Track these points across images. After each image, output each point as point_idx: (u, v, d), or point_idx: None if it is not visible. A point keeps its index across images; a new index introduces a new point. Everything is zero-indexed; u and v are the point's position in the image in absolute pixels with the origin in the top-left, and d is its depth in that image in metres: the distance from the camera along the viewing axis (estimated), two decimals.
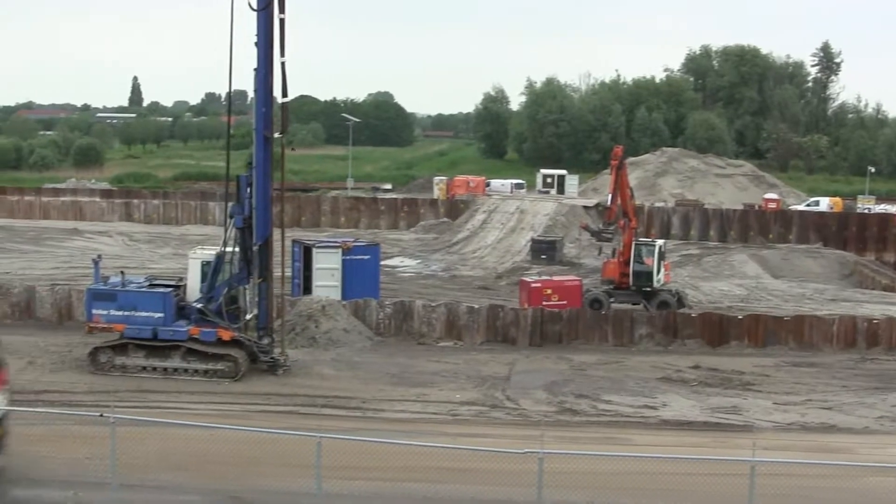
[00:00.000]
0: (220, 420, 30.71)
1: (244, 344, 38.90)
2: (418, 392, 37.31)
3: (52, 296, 48.41)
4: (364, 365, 41.12)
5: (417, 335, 46.27)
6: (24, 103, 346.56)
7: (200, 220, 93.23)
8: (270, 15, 37.49)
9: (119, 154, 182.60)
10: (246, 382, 37.85)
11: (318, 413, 33.36)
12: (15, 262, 67.85)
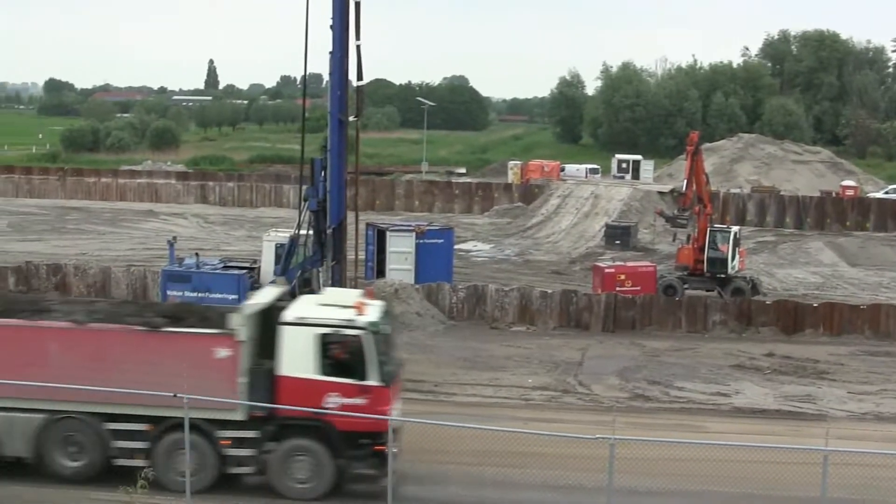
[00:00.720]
0: None
1: None
2: (490, 376, 37.33)
3: (128, 277, 48.98)
4: (436, 348, 41.20)
5: (490, 319, 46.25)
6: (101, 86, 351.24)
7: (275, 202, 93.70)
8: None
9: (195, 137, 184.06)
10: None
11: None
12: (91, 243, 68.70)
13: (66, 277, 49.28)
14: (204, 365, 24.16)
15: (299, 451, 24.65)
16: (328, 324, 24.68)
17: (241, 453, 24.80)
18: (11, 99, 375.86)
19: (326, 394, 24.35)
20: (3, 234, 69.32)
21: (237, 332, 24.47)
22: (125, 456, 24.82)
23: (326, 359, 24.52)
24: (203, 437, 24.44)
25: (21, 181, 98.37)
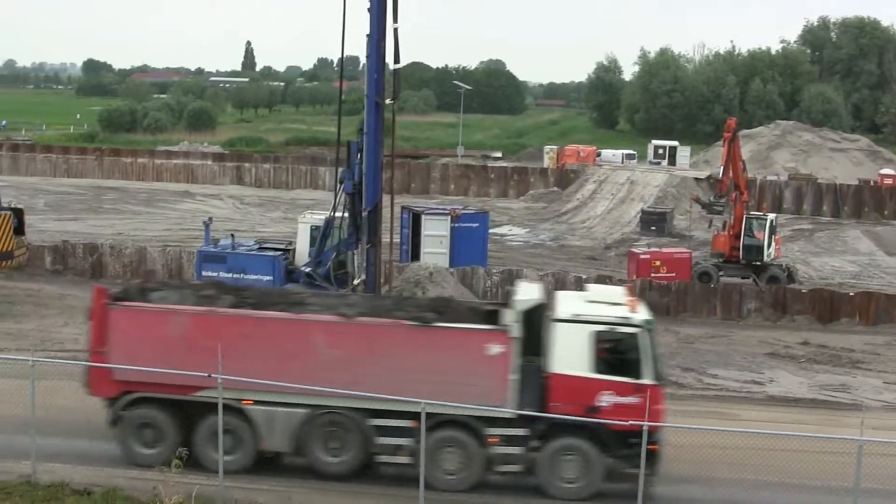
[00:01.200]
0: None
1: None
2: None
3: (163, 257, 49.23)
4: None
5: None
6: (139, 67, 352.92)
7: (310, 184, 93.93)
8: None
9: (231, 118, 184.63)
10: None
11: None
12: (128, 222, 69.10)
13: (103, 257, 49.57)
14: (475, 361, 23.89)
15: (569, 450, 24.22)
16: (604, 321, 24.26)
17: (509, 451, 24.38)
18: (50, 79, 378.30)
19: (599, 392, 23.95)
20: (41, 214, 69.75)
21: (510, 328, 24.08)
22: (388, 453, 24.51)
23: (601, 356, 24.14)
24: (471, 434, 24.30)
25: (59, 161, 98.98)
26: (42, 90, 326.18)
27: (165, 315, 25.21)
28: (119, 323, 25.16)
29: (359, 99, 47.86)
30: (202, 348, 23.98)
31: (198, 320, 25.02)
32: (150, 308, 25.61)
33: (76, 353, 35.40)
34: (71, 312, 42.55)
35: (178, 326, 24.84)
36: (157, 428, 25.07)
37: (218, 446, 23.39)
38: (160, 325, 24.95)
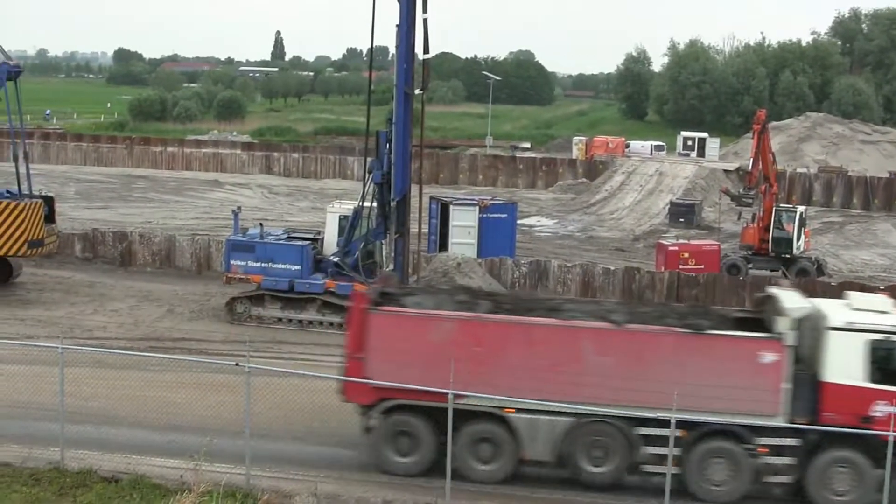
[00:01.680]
0: None
1: None
2: None
3: (192, 246, 49.35)
4: None
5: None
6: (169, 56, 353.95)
7: (339, 174, 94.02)
8: None
9: (260, 108, 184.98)
10: None
11: None
12: (157, 211, 69.32)
13: (132, 245, 49.73)
14: (747, 370, 23.40)
15: (841, 462, 23.66)
16: (880, 329, 23.69)
17: (779, 462, 23.83)
18: (81, 68, 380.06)
19: (874, 402, 23.40)
20: (71, 202, 70.07)
21: (785, 336, 23.58)
22: (654, 462, 23.82)
23: (876, 365, 23.58)
24: (739, 443, 23.70)
25: (89, 149, 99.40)
26: (73, 79, 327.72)
27: (430, 321, 24.55)
28: (379, 328, 24.51)
29: (388, 89, 47.87)
30: (465, 355, 23.57)
31: (464, 326, 24.37)
32: (413, 314, 24.88)
33: (104, 341, 35.69)
34: (100, 300, 42.79)
35: (443, 332, 24.26)
36: (415, 436, 24.55)
37: (475, 456, 23.72)
38: (423, 331, 24.35)
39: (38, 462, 23.64)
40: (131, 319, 39.79)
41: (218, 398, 26.15)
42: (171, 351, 34.55)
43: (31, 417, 26.53)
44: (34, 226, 41.55)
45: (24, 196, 42.45)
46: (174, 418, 26.42)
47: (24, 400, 27.41)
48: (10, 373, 29.87)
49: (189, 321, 39.88)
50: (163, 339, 36.80)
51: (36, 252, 42.74)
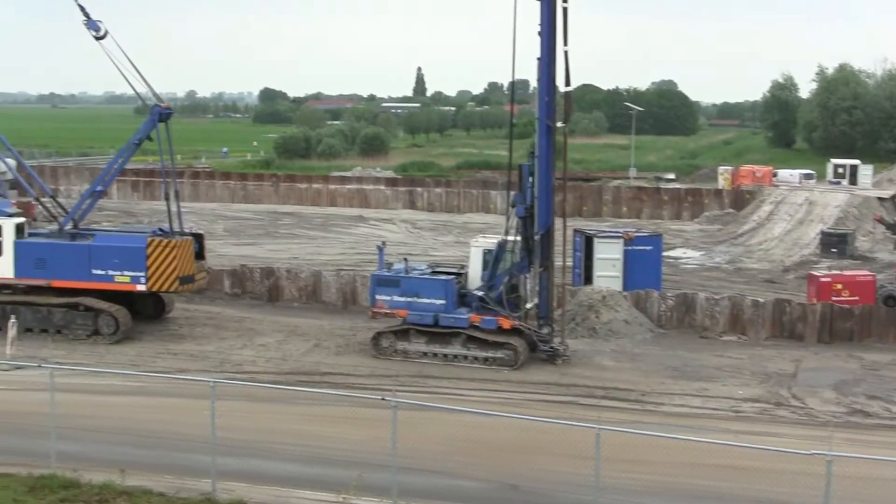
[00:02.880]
0: (499, 408, 30.87)
1: (524, 333, 39.04)
2: (699, 386, 36.59)
3: (338, 281, 49.82)
4: (644, 357, 40.64)
5: (700, 328, 45.37)
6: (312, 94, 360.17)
7: (482, 208, 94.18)
8: (554, 3, 37.43)
9: (403, 143, 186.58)
10: (525, 371, 37.97)
11: (596, 404, 33.18)
12: (303, 247, 70.19)
13: (279, 281, 50.42)
14: None
15: None
16: None
17: None
18: (228, 108, 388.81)
19: None
20: (220, 238, 71.40)
21: None
22: None
23: None
24: None
25: (236, 187, 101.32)
26: (221, 119, 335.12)
27: None
28: None
29: (530, 122, 47.85)
30: None
31: None
32: None
33: (254, 375, 36.17)
34: (249, 335, 43.41)
35: None
36: None
37: None
38: None
39: (191, 493, 23.98)
40: (279, 354, 40.28)
41: (365, 432, 26.25)
42: (319, 385, 34.85)
43: (183, 449, 26.99)
44: (185, 262, 42.40)
45: (176, 233, 43.38)
46: (322, 451, 26.61)
47: (176, 432, 27.95)
48: (163, 405, 30.51)
49: (335, 355, 40.22)
50: (310, 373, 37.15)
51: (187, 288, 43.60)
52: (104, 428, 28.93)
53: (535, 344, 39.28)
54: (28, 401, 31.26)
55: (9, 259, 43.54)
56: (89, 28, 43.69)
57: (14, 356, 37.40)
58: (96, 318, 42.41)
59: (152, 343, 42.07)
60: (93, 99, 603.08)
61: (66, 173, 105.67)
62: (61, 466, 25.17)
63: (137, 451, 27.44)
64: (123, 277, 42.27)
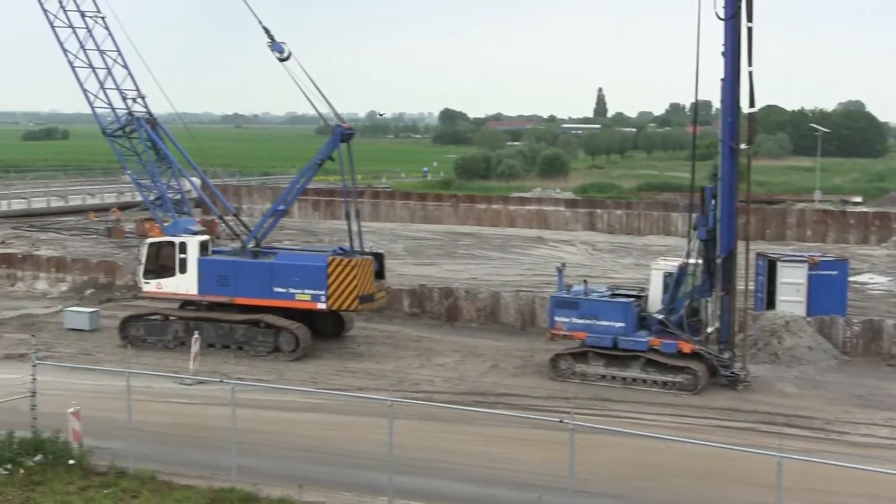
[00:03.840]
0: (677, 433, 30.42)
1: (704, 357, 38.40)
2: (887, 416, 35.41)
3: (517, 302, 49.79)
4: (828, 384, 39.55)
5: (887, 356, 43.93)
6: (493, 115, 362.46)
7: (662, 230, 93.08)
8: (738, 23, 36.82)
9: (583, 164, 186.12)
10: (705, 396, 37.33)
11: (778, 432, 32.37)
12: (482, 267, 70.40)
13: (458, 301, 50.63)
14: None
15: None
16: None
17: None
18: (409, 128, 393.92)
19: None
20: (399, 258, 72.09)
21: None
22: None
23: None
24: None
25: (416, 207, 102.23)
26: (401, 139, 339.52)
27: None
28: None
29: (712, 144, 47.19)
30: None
31: None
32: None
33: (431, 395, 36.37)
34: (427, 354, 43.70)
35: None
36: None
37: None
38: None
39: None
40: (456, 374, 40.42)
41: (541, 454, 26.18)
42: (495, 406, 34.82)
43: (361, 466, 27.32)
44: (365, 281, 42.92)
45: (356, 253, 43.97)
46: (498, 472, 26.59)
47: (354, 449, 28.31)
48: (341, 423, 30.93)
49: (513, 377, 40.17)
50: (487, 394, 37.18)
51: (367, 307, 44.11)
52: (283, 443, 29.52)
53: (715, 369, 38.60)
54: (210, 415, 32.07)
55: (193, 276, 44.79)
56: (273, 50, 44.71)
57: (197, 371, 38.41)
58: (277, 335, 43.25)
59: (331, 361, 42.69)
60: (275, 119, 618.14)
61: (248, 192, 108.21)
62: (241, 480, 25.73)
63: (316, 468, 27.91)
64: (304, 295, 43.03)
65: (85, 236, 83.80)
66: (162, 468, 27.28)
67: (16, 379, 32.11)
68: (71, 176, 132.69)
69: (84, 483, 26.10)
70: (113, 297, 55.77)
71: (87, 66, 46.47)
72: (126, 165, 48.54)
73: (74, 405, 28.74)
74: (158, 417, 31.38)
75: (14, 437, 27.66)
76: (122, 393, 28.01)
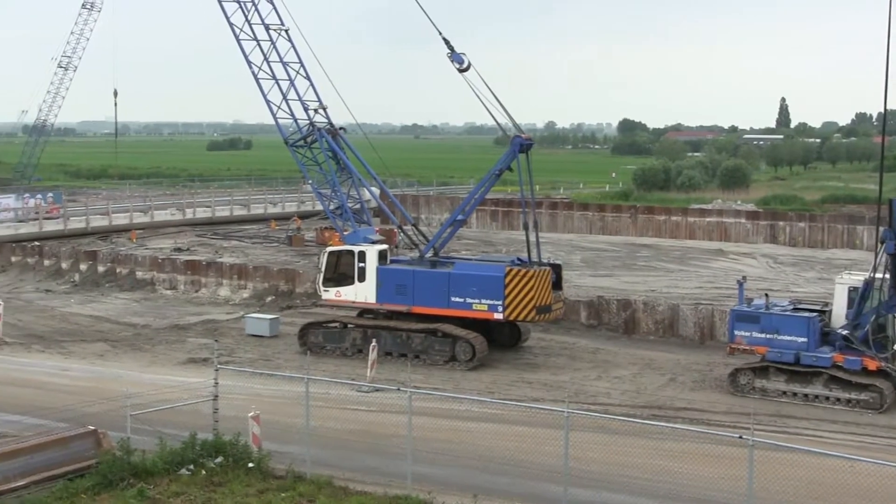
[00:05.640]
0: (860, 452, 29.47)
1: (891, 375, 37.22)
2: None
3: (695, 315, 49.06)
4: None
5: None
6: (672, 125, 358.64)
7: (847, 244, 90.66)
8: None
9: (765, 176, 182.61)
10: (891, 415, 36.16)
11: None
12: (660, 280, 69.61)
13: (636, 313, 50.15)
14: None
15: None
16: None
17: None
18: (587, 139, 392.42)
19: None
20: (576, 269, 71.79)
21: None
22: None
23: None
24: None
25: (594, 218, 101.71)
26: (579, 150, 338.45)
27: None
28: None
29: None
30: None
31: None
32: None
33: (607, 407, 36.10)
34: (604, 367, 43.43)
35: None
36: None
37: None
38: None
39: None
40: (633, 387, 40.04)
41: (719, 471, 25.68)
42: (673, 420, 34.38)
43: (535, 478, 27.28)
44: (543, 292, 42.82)
45: (534, 263, 43.92)
46: (674, 487, 26.21)
47: (529, 460, 28.26)
48: (517, 433, 30.86)
49: (691, 391, 39.60)
50: (664, 408, 36.73)
51: (544, 318, 44.02)
52: (459, 452, 29.61)
53: None
54: (386, 422, 32.36)
55: (371, 285, 45.33)
56: (453, 60, 45.01)
57: (374, 379, 38.85)
58: (454, 344, 43.46)
59: (507, 371, 42.72)
60: (454, 130, 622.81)
61: (426, 202, 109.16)
62: (416, 488, 25.92)
63: (491, 478, 27.94)
64: (481, 306, 43.15)
65: (266, 244, 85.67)
66: (338, 473, 27.68)
67: (199, 382, 33.02)
68: (253, 185, 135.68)
69: (263, 486, 26.64)
70: (293, 305, 56.87)
71: (271, 78, 47.53)
72: (307, 175, 49.48)
73: (254, 409, 29.36)
74: (335, 423, 31.86)
75: (196, 438, 28.35)
76: (301, 398, 28.50)
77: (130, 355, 45.81)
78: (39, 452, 27.38)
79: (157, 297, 61.09)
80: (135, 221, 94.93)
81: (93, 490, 26.18)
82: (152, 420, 29.24)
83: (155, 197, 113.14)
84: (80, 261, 67.82)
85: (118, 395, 30.27)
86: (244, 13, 47.58)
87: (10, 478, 26.31)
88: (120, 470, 26.88)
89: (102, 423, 29.56)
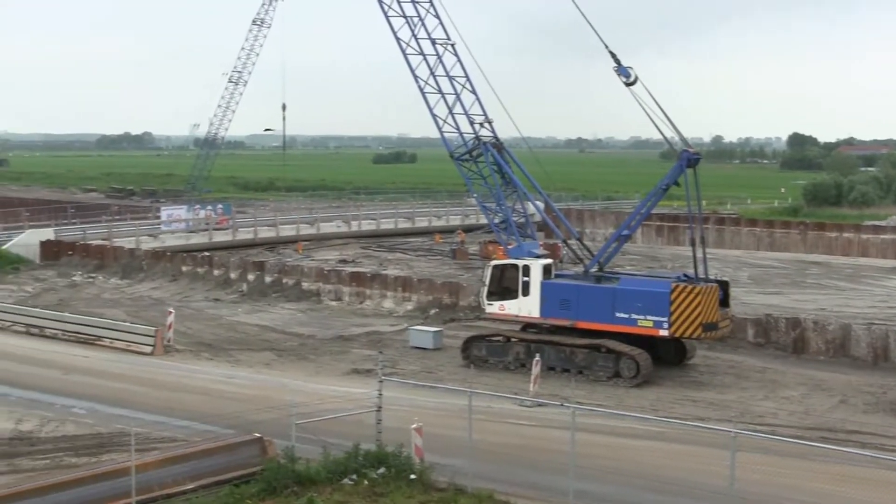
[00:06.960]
0: None
1: None
2: None
3: (869, 335, 47.64)
4: None
5: None
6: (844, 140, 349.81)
7: None
8: None
9: None
10: None
11: None
12: (831, 298, 67.93)
13: (805, 332, 48.92)
14: None
15: None
16: None
17: None
18: (755, 153, 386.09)
19: None
20: (744, 286, 70.50)
21: None
22: None
23: None
24: None
25: (762, 234, 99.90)
26: (747, 164, 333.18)
27: None
28: None
29: None
30: None
31: None
32: None
33: (774, 428, 35.23)
34: (771, 386, 42.49)
35: None
36: None
37: None
38: None
39: None
40: (802, 408, 39.06)
41: (892, 497, 24.84)
42: (843, 443, 33.36)
43: (699, 498, 26.86)
44: (710, 309, 42.12)
45: (701, 280, 43.25)
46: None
47: (693, 480, 27.82)
48: (681, 452, 30.42)
49: (863, 413, 38.42)
50: (835, 430, 35.70)
51: (710, 335, 43.31)
52: (621, 470, 29.25)
53: None
54: (548, 437, 32.20)
55: (535, 299, 45.16)
56: (620, 74, 44.62)
57: (537, 394, 38.66)
58: (618, 360, 43.01)
59: (672, 389, 42.10)
60: (618, 144, 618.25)
61: (591, 217, 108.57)
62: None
63: (652, 497, 27.59)
64: (646, 322, 42.63)
65: (430, 257, 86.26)
66: (499, 488, 27.57)
67: (362, 393, 33.30)
68: (418, 198, 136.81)
69: (424, 498, 26.70)
70: (456, 318, 57.00)
71: (437, 92, 47.76)
72: (472, 188, 49.54)
73: (417, 421, 29.44)
74: (497, 437, 31.76)
75: (360, 449, 28.55)
76: (463, 412, 28.47)
77: (296, 365, 46.48)
78: (207, 457, 27.97)
79: (323, 307, 61.91)
80: (301, 233, 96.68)
81: (257, 496, 26.61)
82: (316, 429, 29.53)
83: (321, 209, 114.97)
84: (248, 271, 69.19)
85: (283, 404, 30.68)
86: (411, 28, 47.91)
87: (179, 481, 26.97)
88: (284, 478, 27.26)
89: (268, 431, 30.00)
